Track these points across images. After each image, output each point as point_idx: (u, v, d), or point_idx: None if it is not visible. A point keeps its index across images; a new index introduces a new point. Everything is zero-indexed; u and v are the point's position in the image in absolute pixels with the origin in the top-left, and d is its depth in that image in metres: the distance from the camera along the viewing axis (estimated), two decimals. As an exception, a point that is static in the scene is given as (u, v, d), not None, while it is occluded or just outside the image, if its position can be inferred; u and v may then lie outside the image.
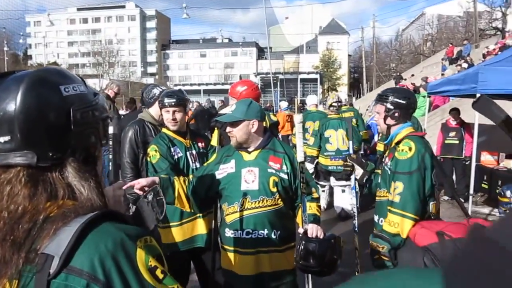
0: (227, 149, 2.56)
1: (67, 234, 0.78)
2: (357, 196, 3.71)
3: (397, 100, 2.67)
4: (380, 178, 2.77)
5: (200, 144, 3.09)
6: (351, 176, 3.17)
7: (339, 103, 6.51)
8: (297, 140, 2.23)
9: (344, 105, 7.86)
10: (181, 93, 3.08)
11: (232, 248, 2.41)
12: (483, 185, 7.05)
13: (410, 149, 2.51)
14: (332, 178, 6.29)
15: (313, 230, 2.11)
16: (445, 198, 6.96)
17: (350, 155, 3.42)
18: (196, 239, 2.95)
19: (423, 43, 49.43)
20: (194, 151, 3.02)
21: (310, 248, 2.02)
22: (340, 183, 6.20)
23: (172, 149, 2.91)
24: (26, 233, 0.80)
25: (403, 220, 2.44)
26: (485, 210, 6.80)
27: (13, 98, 0.84)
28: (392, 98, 2.68)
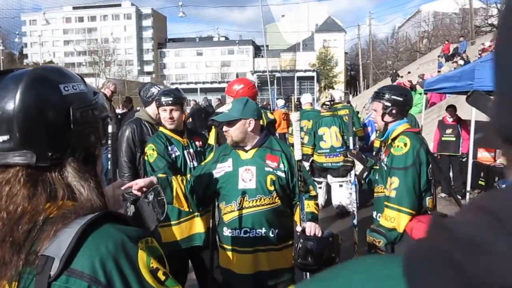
0: (224, 148, 2.56)
1: (67, 235, 0.77)
2: (356, 192, 3.71)
3: (394, 97, 2.69)
4: (378, 174, 2.79)
5: (197, 143, 3.09)
6: (351, 171, 3.17)
7: (332, 101, 6.56)
8: (295, 138, 2.23)
9: (338, 103, 7.89)
10: (178, 91, 3.08)
11: (230, 247, 2.41)
12: (480, 182, 7.09)
13: (405, 144, 2.54)
14: (329, 176, 6.30)
15: (311, 228, 2.11)
16: (442, 195, 6.98)
17: (351, 151, 3.43)
18: (194, 238, 2.95)
19: (419, 40, 49.41)
20: (191, 150, 3.01)
21: (308, 246, 2.02)
22: (337, 180, 6.22)
23: (169, 148, 2.90)
24: (25, 234, 0.79)
25: (399, 214, 2.47)
26: (482, 206, 6.81)
27: (12, 97, 0.83)
28: (389, 96, 2.71)
